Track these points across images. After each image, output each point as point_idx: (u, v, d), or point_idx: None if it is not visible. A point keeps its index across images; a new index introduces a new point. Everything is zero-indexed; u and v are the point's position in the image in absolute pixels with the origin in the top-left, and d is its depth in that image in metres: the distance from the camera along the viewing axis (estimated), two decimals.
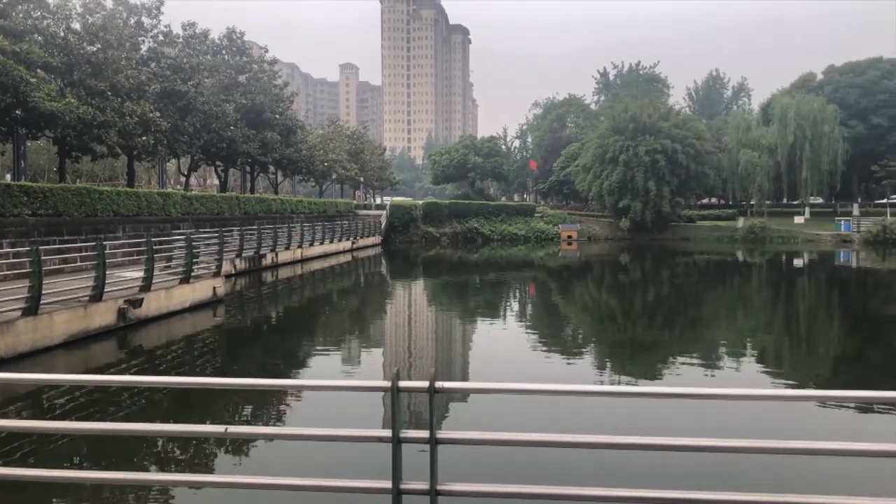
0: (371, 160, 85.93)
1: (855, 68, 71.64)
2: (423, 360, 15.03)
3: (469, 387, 6.15)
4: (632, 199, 60.50)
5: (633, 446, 3.57)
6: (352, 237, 49.87)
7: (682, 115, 68.14)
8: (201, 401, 10.87)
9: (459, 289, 30.59)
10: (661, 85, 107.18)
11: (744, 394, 3.94)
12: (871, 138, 67.99)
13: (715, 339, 17.80)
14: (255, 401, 10.80)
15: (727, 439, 3.51)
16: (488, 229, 63.34)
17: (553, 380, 12.19)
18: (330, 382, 4.32)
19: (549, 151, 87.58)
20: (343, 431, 3.74)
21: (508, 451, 7.00)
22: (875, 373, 13.66)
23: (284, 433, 4.42)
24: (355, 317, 22.21)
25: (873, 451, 3.43)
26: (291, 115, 53.75)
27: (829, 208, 71.48)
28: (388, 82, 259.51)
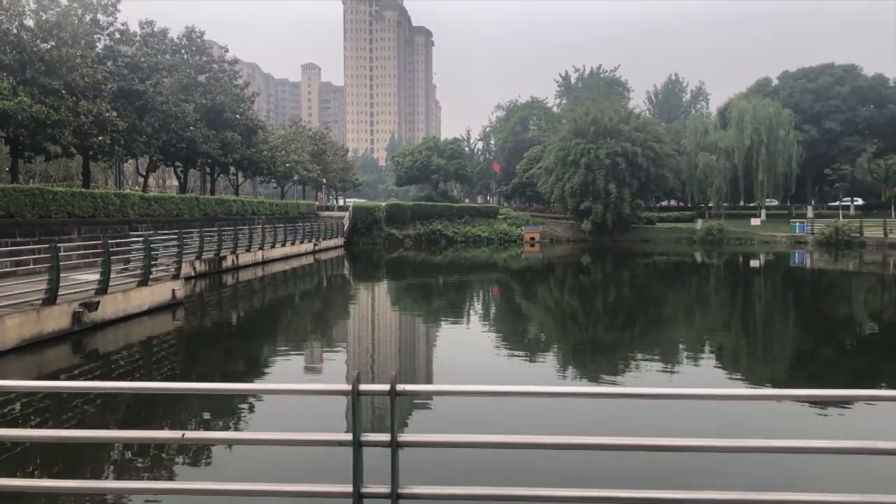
0: (333, 161, 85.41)
1: (808, 74, 73.54)
2: (386, 363, 14.97)
3: (430, 389, 6.13)
4: (593, 201, 61.12)
5: (597, 447, 3.59)
6: (314, 239, 49.49)
7: (643, 119, 69.08)
8: (159, 406, 10.65)
9: (423, 291, 30.56)
10: (621, 88, 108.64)
11: (705, 393, 3.99)
12: (824, 142, 69.83)
13: (675, 339, 18.07)
14: (214, 406, 10.62)
15: (689, 438, 3.54)
16: (452, 231, 63.41)
17: (516, 381, 12.24)
18: (290, 387, 4.26)
19: (512, 154, 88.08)
20: (303, 436, 3.69)
21: (472, 453, 7.00)
22: (828, 371, 14.00)
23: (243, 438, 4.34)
24: (317, 320, 22.03)
25: (831, 448, 3.50)
26: (252, 116, 53.17)
27: (784, 210, 73.15)
28: (350, 83, 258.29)
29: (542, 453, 7.13)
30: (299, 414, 9.96)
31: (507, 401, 9.34)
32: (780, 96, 71.27)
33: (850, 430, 9.53)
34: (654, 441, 3.55)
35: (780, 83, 76.17)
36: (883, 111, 71.18)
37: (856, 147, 72.00)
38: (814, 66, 74.53)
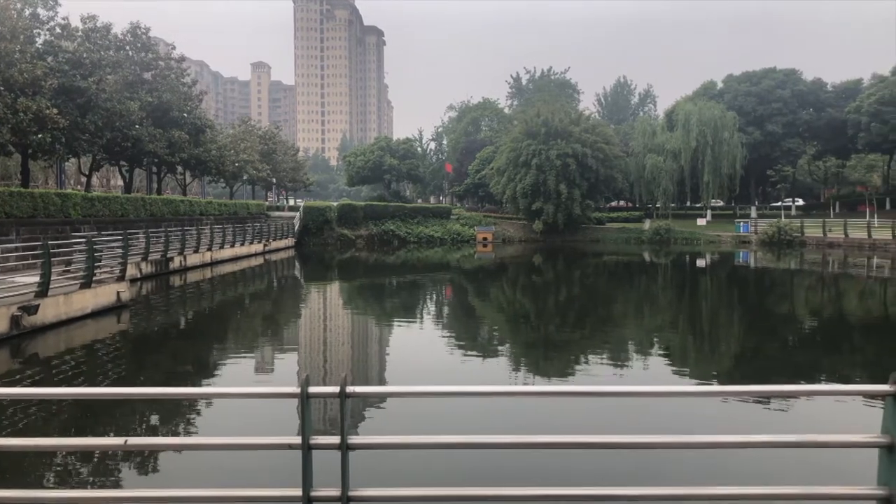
0: (284, 161, 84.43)
1: (752, 77, 75.64)
2: (338, 364, 14.83)
3: (381, 391, 6.08)
4: (544, 201, 61.72)
5: (548, 445, 3.60)
6: (264, 239, 48.81)
7: (592, 121, 70.06)
8: (102, 412, 10.33)
9: (375, 291, 30.40)
10: (571, 90, 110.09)
11: (653, 390, 4.03)
12: (767, 144, 71.93)
13: (625, 337, 18.34)
14: (160, 411, 10.35)
15: (639, 435, 3.58)
16: (404, 231, 63.28)
17: (470, 381, 12.25)
18: (237, 390, 4.16)
19: (465, 154, 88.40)
20: (251, 440, 3.60)
21: (425, 454, 6.97)
22: (772, 367, 14.38)
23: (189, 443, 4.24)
24: (268, 321, 21.71)
25: (775, 442, 3.58)
26: (200, 114, 52.13)
27: (729, 211, 75.09)
28: (301, 82, 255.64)
29: (494, 453, 7.14)
30: (248, 418, 9.78)
31: (459, 401, 9.35)
32: (725, 99, 73.16)
33: (793, 423, 9.80)
34: (603, 438, 3.57)
35: (724, 86, 78.15)
36: (822, 114, 73.67)
37: (797, 149, 74.40)
38: (757, 70, 76.69)
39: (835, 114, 72.41)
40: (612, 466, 7.41)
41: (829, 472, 7.18)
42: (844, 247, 50.72)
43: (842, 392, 7.32)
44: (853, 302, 26.09)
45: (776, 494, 3.52)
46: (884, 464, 3.40)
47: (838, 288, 30.90)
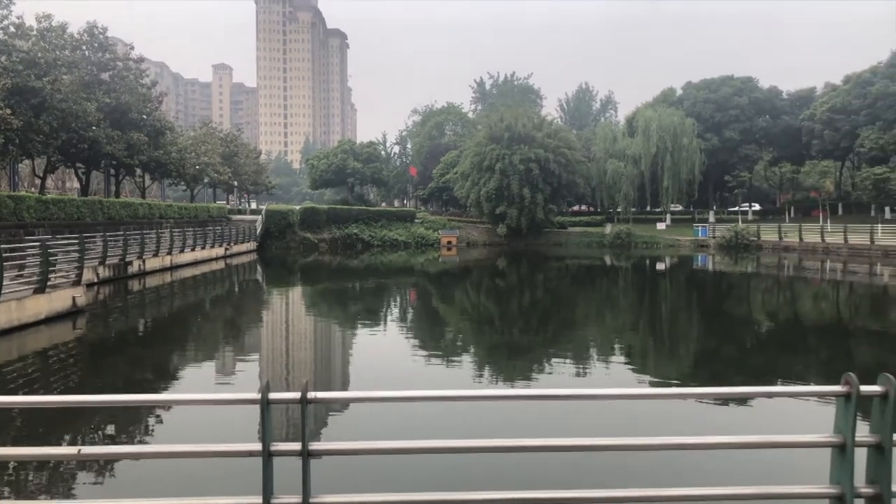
0: (246, 164, 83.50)
1: (710, 85, 77.07)
2: (301, 370, 14.70)
3: (343, 396, 6.02)
4: (508, 205, 62.07)
5: (510, 448, 3.61)
6: (225, 243, 48.17)
7: (555, 126, 70.70)
8: (56, 420, 10.08)
9: (339, 295, 30.22)
10: (534, 96, 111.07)
11: (614, 393, 4.08)
12: (725, 150, 73.33)
13: (587, 339, 18.52)
14: (117, 418, 10.14)
15: (600, 438, 3.61)
16: (368, 235, 63.04)
17: (434, 385, 12.25)
18: (197, 396, 4.08)
19: (429, 158, 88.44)
20: (210, 447, 3.54)
21: (388, 459, 6.94)
22: (729, 368, 14.65)
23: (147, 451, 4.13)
24: (229, 326, 21.41)
25: (733, 443, 3.64)
26: (160, 116, 51.29)
27: (688, 215, 76.37)
28: (263, 84, 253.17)
29: (458, 457, 7.14)
30: (209, 425, 9.62)
31: (423, 406, 9.33)
32: (684, 106, 74.41)
33: (752, 424, 9.99)
34: (566, 441, 3.60)
35: (683, 93, 79.50)
36: (778, 121, 75.40)
37: (753, 155, 76.00)
38: (715, 78, 78.17)
39: (790, 121, 74.19)
40: (576, 469, 7.47)
41: (789, 472, 7.34)
42: (799, 251, 51.96)
43: (798, 393, 7.50)
44: (808, 304, 26.72)
45: (734, 494, 3.58)
46: (836, 463, 3.48)
47: (793, 291, 31.63)
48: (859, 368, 13.61)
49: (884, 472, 3.38)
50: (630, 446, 3.60)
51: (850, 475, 3.39)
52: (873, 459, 3.46)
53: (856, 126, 65.26)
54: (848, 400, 3.41)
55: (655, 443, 3.65)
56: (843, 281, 35.40)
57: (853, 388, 3.35)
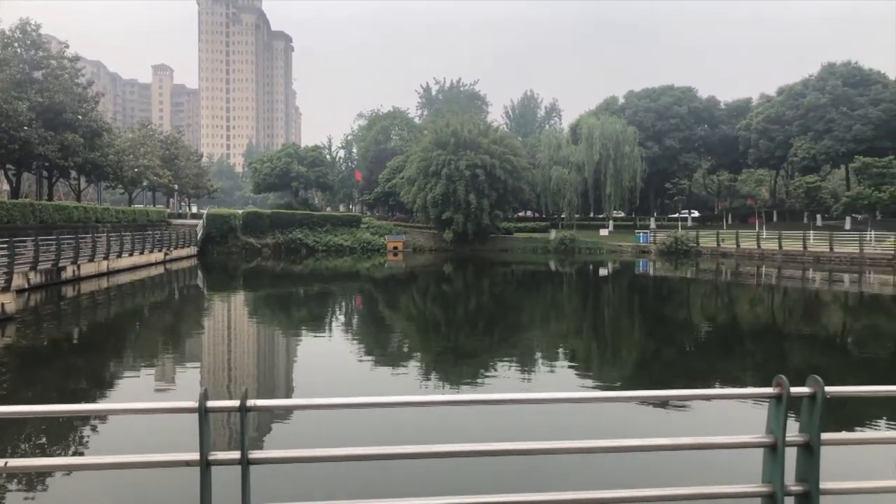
0: (186, 167, 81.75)
1: (651, 94, 78.94)
2: (242, 377, 14.43)
3: (283, 404, 5.92)
4: (454, 211, 62.26)
5: (453, 454, 3.61)
6: (165, 248, 46.99)
7: (500, 132, 71.26)
8: None
9: (282, 301, 29.80)
10: (480, 102, 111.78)
11: (556, 397, 4.12)
12: (665, 158, 75.17)
13: (531, 344, 18.70)
14: (49, 429, 9.77)
15: (543, 441, 3.63)
16: (313, 240, 62.40)
17: (379, 392, 12.17)
18: (132, 406, 3.95)
19: (375, 163, 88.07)
20: (145, 458, 3.43)
21: (330, 467, 6.86)
22: (670, 372, 15.00)
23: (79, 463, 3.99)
24: (168, 334, 20.88)
25: (670, 444, 3.72)
26: (97, 117, 49.81)
27: (630, 221, 77.93)
28: (205, 86, 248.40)
29: (400, 463, 7.11)
30: (147, 435, 9.36)
31: (368, 412, 9.26)
32: (626, 114, 75.99)
33: (689, 426, 10.24)
34: (506, 446, 3.61)
35: (625, 102, 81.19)
36: (716, 131, 77.70)
37: (692, 163, 78.12)
38: (656, 87, 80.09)
39: (727, 130, 76.54)
40: (517, 472, 7.52)
41: (727, 472, 7.53)
42: (736, 256, 53.59)
43: (733, 395, 7.72)
44: (744, 309, 27.56)
45: (670, 496, 3.65)
46: (768, 462, 3.58)
47: (731, 296, 32.58)
48: (792, 370, 14.10)
49: (812, 471, 3.49)
50: (570, 449, 3.64)
51: (781, 474, 3.49)
52: (802, 458, 3.57)
53: (789, 136, 67.75)
54: (779, 401, 3.51)
55: (595, 445, 3.70)
56: (777, 286, 36.64)
57: (784, 389, 3.46)
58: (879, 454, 8.72)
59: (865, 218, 59.43)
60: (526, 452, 3.67)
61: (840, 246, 48.45)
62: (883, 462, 8.58)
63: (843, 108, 64.52)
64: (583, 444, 3.68)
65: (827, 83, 66.69)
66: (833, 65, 69.10)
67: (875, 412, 10.81)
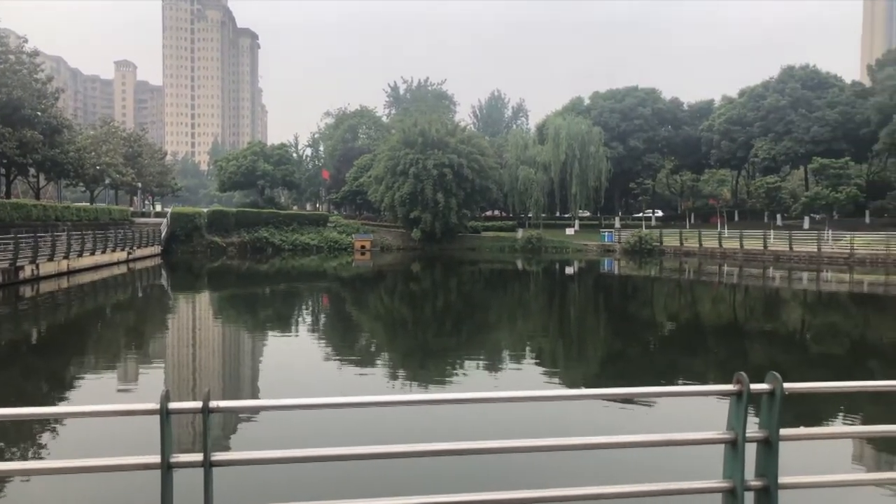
0: (150, 164, 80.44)
1: (616, 95, 79.74)
2: (207, 379, 14.25)
3: (247, 405, 5.85)
4: (422, 210, 62.22)
5: (418, 453, 3.61)
6: (128, 247, 46.16)
7: (468, 132, 71.41)
8: None
9: (247, 301, 29.49)
10: (448, 102, 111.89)
11: (525, 395, 4.15)
12: (630, 158, 76.01)
13: (499, 343, 18.77)
14: (7, 433, 9.53)
15: (507, 440, 3.65)
16: (279, 239, 61.85)
17: (347, 392, 12.12)
18: (92, 408, 3.87)
19: (342, 161, 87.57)
20: (106, 461, 3.37)
21: (294, 468, 6.81)
22: (634, 369, 15.18)
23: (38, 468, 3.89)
24: (130, 334, 20.51)
25: (633, 441, 3.77)
26: (57, 113, 48.75)
27: (595, 221, 78.62)
28: (169, 83, 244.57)
29: (366, 464, 7.09)
30: (109, 438, 9.19)
31: (334, 413, 9.21)
32: (592, 115, 76.64)
33: (654, 423, 10.37)
34: (474, 445, 3.63)
35: (591, 103, 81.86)
36: (679, 132, 78.78)
37: (656, 164, 79.13)
38: (620, 89, 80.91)
39: (690, 131, 77.65)
40: (485, 471, 7.54)
41: (690, 468, 7.65)
42: (699, 255, 54.42)
43: (695, 392, 7.84)
44: (707, 307, 28.01)
45: (633, 492, 3.70)
46: (728, 458, 3.65)
47: (694, 294, 33.09)
48: (753, 367, 14.37)
49: (771, 466, 3.57)
50: (534, 447, 3.67)
51: (742, 470, 3.56)
52: (762, 454, 3.64)
53: (750, 137, 69.01)
54: (739, 398, 3.58)
55: (559, 443, 3.73)
56: (738, 284, 37.30)
57: (744, 386, 3.52)
58: (836, 449, 8.94)
59: (823, 218, 60.77)
60: (492, 451, 3.69)
61: (799, 245, 49.50)
62: (840, 456, 8.80)
63: (802, 111, 65.94)
64: (547, 441, 3.71)
65: (786, 86, 68.08)
66: (792, 68, 70.57)
67: (832, 408, 11.07)
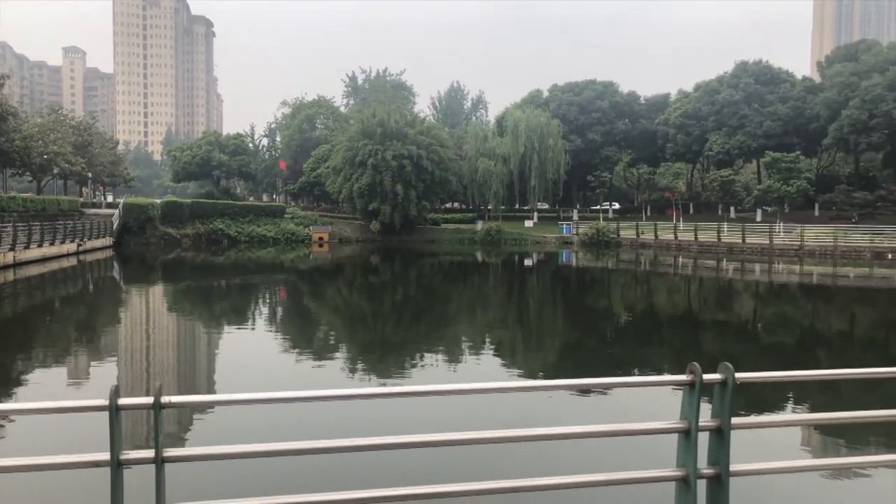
0: (101, 154, 78.32)
1: (574, 88, 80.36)
2: (162, 373, 13.98)
3: (200, 400, 5.74)
4: (381, 202, 61.92)
5: (374, 447, 3.58)
6: (78, 239, 45.00)
7: (427, 123, 71.24)
8: None
9: (203, 294, 29.00)
10: (407, 92, 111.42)
11: (483, 387, 4.14)
12: (588, 151, 76.74)
13: (459, 334, 18.81)
14: None
15: (464, 432, 3.65)
16: (235, 230, 60.94)
17: (304, 385, 12.01)
18: (37, 405, 3.74)
19: (299, 152, 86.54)
20: (52, 459, 3.27)
21: (251, 463, 6.72)
22: (592, 360, 15.36)
23: None
24: (82, 328, 20.00)
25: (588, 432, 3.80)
26: (2, 100, 47.22)
27: (553, 213, 79.30)
28: (121, 70, 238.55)
29: (323, 458, 7.03)
30: (57, 436, 8.95)
31: (290, 407, 9.11)
32: (550, 108, 77.14)
33: (610, 414, 10.51)
34: (431, 437, 3.61)
35: (549, 95, 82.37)
36: (636, 125, 79.79)
37: (613, 157, 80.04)
38: (579, 82, 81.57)
39: (647, 125, 78.70)
40: (442, 464, 7.55)
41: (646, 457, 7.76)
42: (655, 247, 55.31)
43: (650, 383, 7.95)
44: (662, 298, 28.50)
45: (588, 482, 3.73)
46: (681, 447, 3.70)
47: (650, 285, 33.64)
48: (707, 356, 14.67)
49: (723, 454, 3.63)
50: (490, 439, 3.67)
51: (694, 458, 3.61)
52: (714, 442, 3.71)
53: (705, 131, 70.28)
54: (692, 388, 3.63)
55: (515, 434, 3.74)
56: (693, 275, 38.04)
57: (697, 376, 3.57)
58: (786, 436, 9.19)
59: (775, 210, 62.29)
60: (448, 443, 3.68)
61: (752, 237, 50.64)
62: (789, 443, 9.04)
63: (755, 105, 67.37)
64: (503, 433, 3.72)
65: (740, 80, 69.46)
66: (746, 63, 72.02)
67: (782, 396, 11.37)
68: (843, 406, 7.81)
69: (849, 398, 11.36)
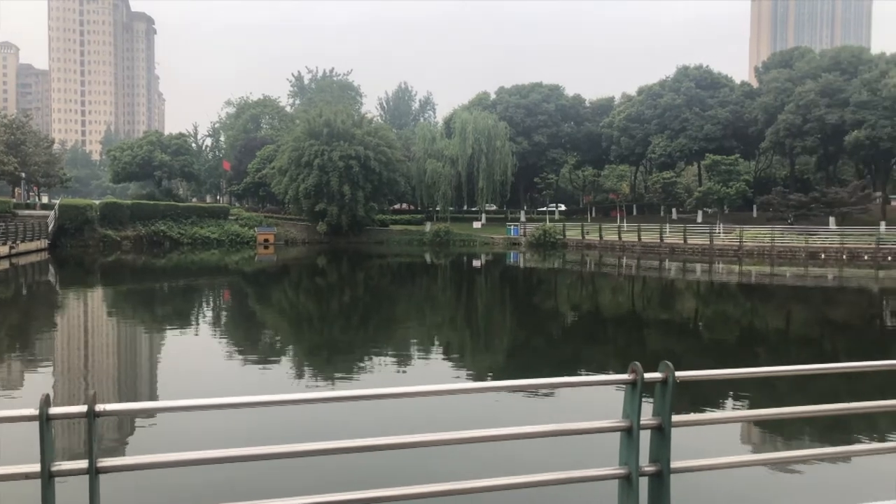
0: (35, 153, 75.58)
1: (521, 90, 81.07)
2: (99, 381, 13.56)
3: (137, 408, 5.57)
4: (328, 203, 61.38)
5: (320, 452, 3.53)
6: (10, 241, 43.33)
7: (375, 124, 70.91)
8: None
9: (144, 298, 28.26)
10: (354, 93, 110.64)
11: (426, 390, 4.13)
12: (534, 153, 77.53)
13: (406, 336, 18.76)
14: None
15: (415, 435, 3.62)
16: (177, 232, 59.58)
17: (249, 391, 11.79)
18: None
19: (244, 152, 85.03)
20: None
21: (193, 472, 6.56)
22: (535, 359, 15.51)
23: None
24: (14, 335, 19.23)
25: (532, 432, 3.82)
26: None
27: (501, 214, 79.89)
28: (56, 67, 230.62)
29: (265, 465, 6.92)
30: None
31: (232, 414, 8.94)
32: (498, 110, 77.66)
33: (555, 413, 10.62)
34: (377, 441, 3.59)
35: (497, 97, 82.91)
36: (581, 128, 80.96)
37: (560, 159, 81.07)
38: (526, 84, 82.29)
39: (592, 128, 79.93)
40: (388, 467, 7.51)
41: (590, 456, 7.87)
42: (600, 248, 56.23)
43: (593, 382, 8.09)
44: (607, 298, 28.98)
45: (531, 482, 3.75)
46: (624, 445, 3.76)
47: (594, 285, 34.17)
48: (649, 355, 14.97)
49: (664, 452, 3.70)
50: (435, 441, 3.66)
51: (636, 456, 3.67)
52: (655, 440, 3.77)
53: (648, 134, 71.80)
54: (634, 387, 3.69)
55: (459, 437, 3.73)
56: (637, 276, 38.79)
57: (638, 375, 3.63)
58: (725, 432, 9.42)
59: (715, 212, 64.00)
60: (390, 447, 3.66)
61: (693, 238, 51.95)
62: (729, 439, 9.28)
63: (696, 109, 69.15)
64: (447, 435, 3.71)
65: (682, 85, 71.19)
66: (687, 68, 73.83)
67: (722, 393, 11.66)
68: (780, 402, 8.06)
69: (785, 394, 11.73)
